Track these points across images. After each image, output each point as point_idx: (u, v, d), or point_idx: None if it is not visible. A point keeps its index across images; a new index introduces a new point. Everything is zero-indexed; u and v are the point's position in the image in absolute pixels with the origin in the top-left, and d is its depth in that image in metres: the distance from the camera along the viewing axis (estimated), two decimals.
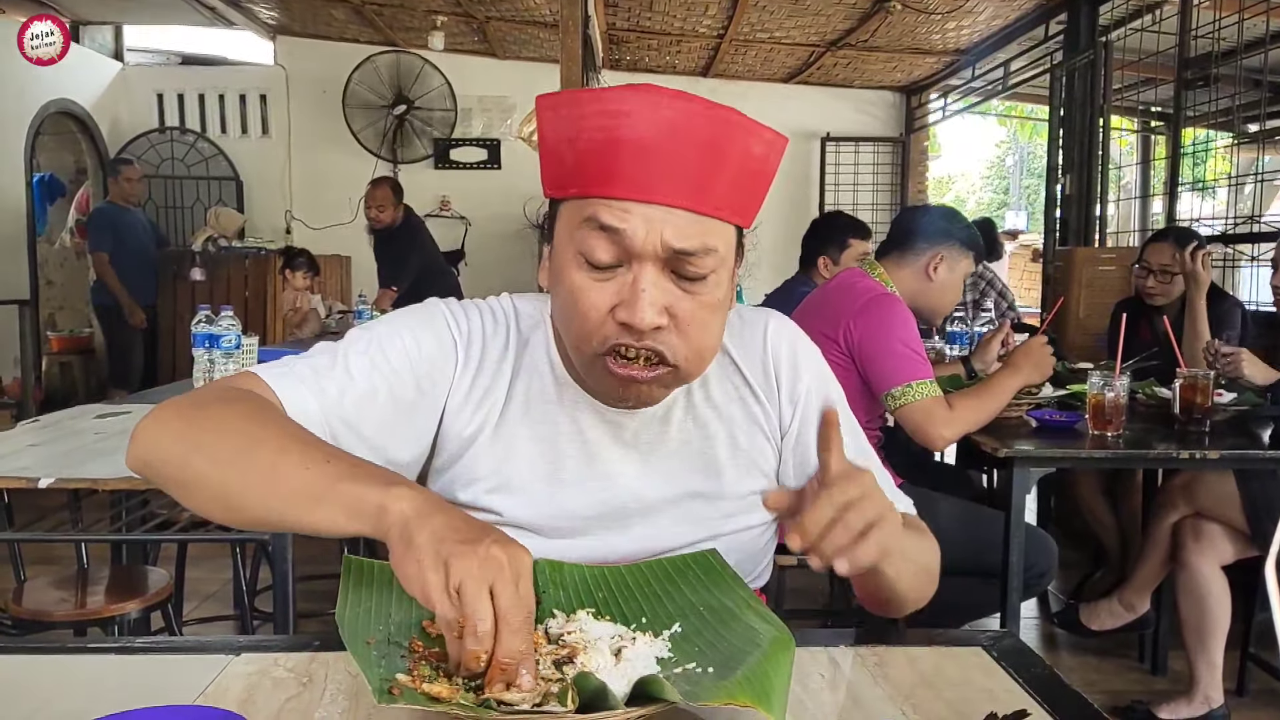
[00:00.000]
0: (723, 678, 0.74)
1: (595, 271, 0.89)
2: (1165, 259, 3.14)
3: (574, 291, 0.90)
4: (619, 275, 0.89)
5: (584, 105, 0.87)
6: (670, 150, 0.85)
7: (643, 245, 0.87)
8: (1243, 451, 2.29)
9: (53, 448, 2.04)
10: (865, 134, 7.82)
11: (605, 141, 0.86)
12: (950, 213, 2.57)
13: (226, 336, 2.62)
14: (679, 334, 0.90)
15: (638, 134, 0.85)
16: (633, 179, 0.86)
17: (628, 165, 0.86)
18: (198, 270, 6.53)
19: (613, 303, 0.89)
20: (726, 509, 1.03)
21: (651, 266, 0.88)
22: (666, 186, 0.86)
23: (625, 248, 0.87)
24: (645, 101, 0.85)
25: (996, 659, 0.92)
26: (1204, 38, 4.50)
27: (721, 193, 0.88)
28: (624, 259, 0.88)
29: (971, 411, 2.26)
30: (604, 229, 0.87)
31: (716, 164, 0.87)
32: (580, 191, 0.89)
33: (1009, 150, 22.91)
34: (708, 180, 0.87)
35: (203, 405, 0.89)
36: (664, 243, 0.87)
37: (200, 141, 7.65)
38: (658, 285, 0.88)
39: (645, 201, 0.86)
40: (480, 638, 0.69)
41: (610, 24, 6.33)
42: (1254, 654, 2.76)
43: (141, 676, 0.88)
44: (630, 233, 0.86)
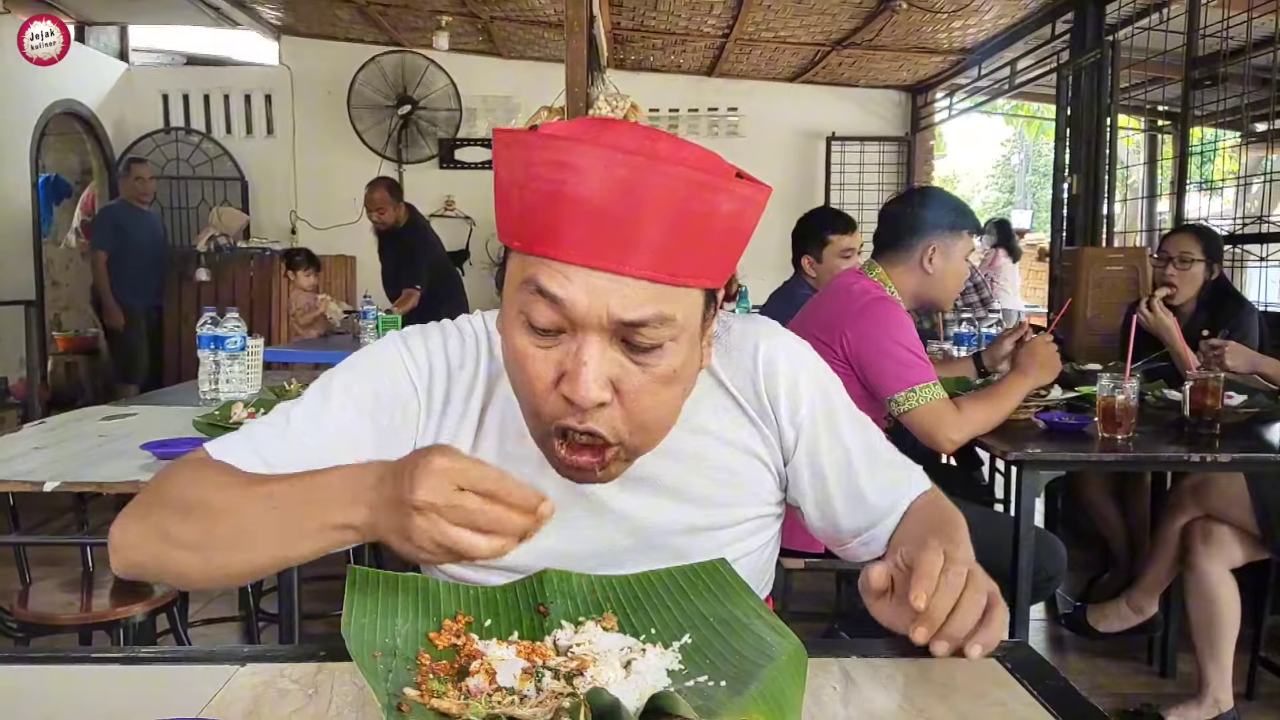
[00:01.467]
0: (736, 691, 0.73)
1: (538, 337, 0.83)
2: (1184, 247, 3.13)
3: (518, 357, 0.85)
4: (563, 342, 0.82)
5: (534, 150, 0.79)
6: (621, 213, 0.76)
7: (585, 316, 0.79)
8: (1254, 454, 2.27)
9: (58, 450, 2.03)
10: (870, 133, 7.80)
11: (550, 196, 0.78)
12: (934, 197, 2.50)
13: (232, 338, 2.62)
14: (623, 409, 0.84)
15: (586, 192, 0.76)
16: (576, 242, 0.78)
17: (571, 226, 0.77)
18: (203, 271, 6.54)
19: (556, 373, 0.83)
20: (723, 539, 1.01)
21: (596, 337, 0.81)
22: (614, 253, 0.78)
23: (566, 316, 0.80)
24: (597, 157, 0.76)
25: (1010, 670, 0.91)
26: (1212, 36, 4.47)
27: (682, 259, 0.80)
28: (566, 327, 0.81)
29: (980, 414, 2.25)
30: (543, 294, 0.80)
31: (676, 228, 0.78)
32: (523, 247, 0.82)
33: (1015, 149, 22.86)
34: (665, 246, 0.78)
35: (157, 498, 0.90)
36: (609, 314, 0.79)
37: (205, 142, 7.65)
38: (603, 357, 0.81)
39: (589, 267, 0.78)
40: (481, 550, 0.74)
41: (615, 23, 6.32)
42: (1264, 657, 2.74)
43: (146, 686, 0.87)
44: (570, 302, 0.79)
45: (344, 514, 0.79)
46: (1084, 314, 4.41)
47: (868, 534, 1.09)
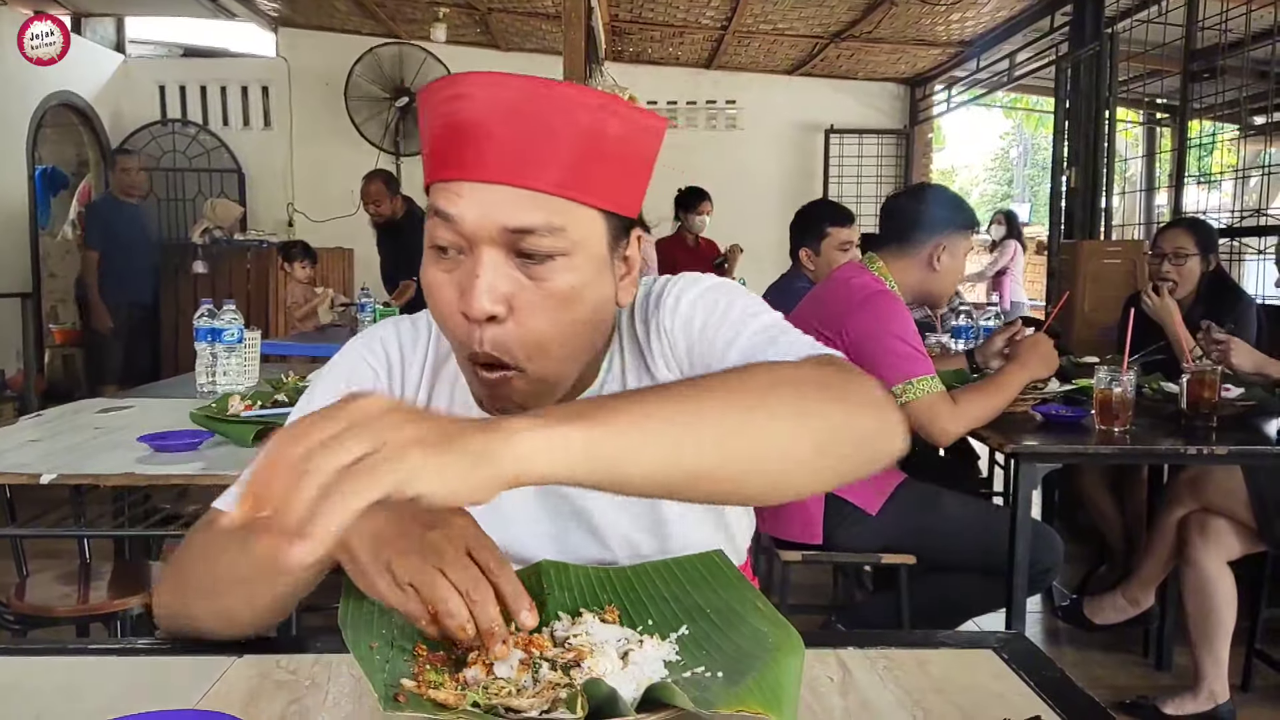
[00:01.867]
0: (732, 682, 0.73)
1: (443, 261, 0.85)
2: (1178, 243, 3.13)
3: (428, 287, 0.87)
4: (463, 263, 0.84)
5: (438, 92, 0.84)
6: (506, 129, 0.81)
7: (476, 228, 0.82)
8: (1251, 447, 2.27)
9: (55, 443, 2.03)
10: (869, 126, 7.79)
11: (446, 126, 0.83)
12: (945, 197, 2.51)
13: (229, 330, 2.62)
14: (518, 327, 0.84)
15: (474, 115, 0.81)
16: (464, 160, 0.82)
17: (462, 148, 0.82)
18: (200, 263, 6.52)
19: (459, 294, 0.84)
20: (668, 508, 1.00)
21: (489, 250, 0.83)
22: (499, 164, 0.81)
23: (461, 233, 0.83)
24: (482, 82, 0.81)
25: (1007, 661, 0.91)
26: (1211, 29, 4.47)
27: (569, 171, 0.82)
28: (464, 246, 0.84)
29: (977, 407, 2.25)
30: (439, 214, 0.83)
31: (555, 140, 0.81)
32: (429, 179, 0.86)
33: (1013, 142, 22.85)
34: (549, 159, 0.81)
35: (178, 559, 0.94)
36: (497, 222, 0.82)
37: (202, 134, 7.64)
38: (497, 270, 0.83)
39: (477, 181, 0.82)
40: (453, 613, 0.72)
41: (613, 15, 6.31)
42: (1259, 650, 2.75)
43: (143, 678, 0.87)
44: (460, 216, 0.82)
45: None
46: (1081, 307, 4.42)
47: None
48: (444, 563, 0.73)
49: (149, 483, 1.81)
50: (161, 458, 1.88)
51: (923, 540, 2.35)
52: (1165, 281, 3.11)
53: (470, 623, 0.72)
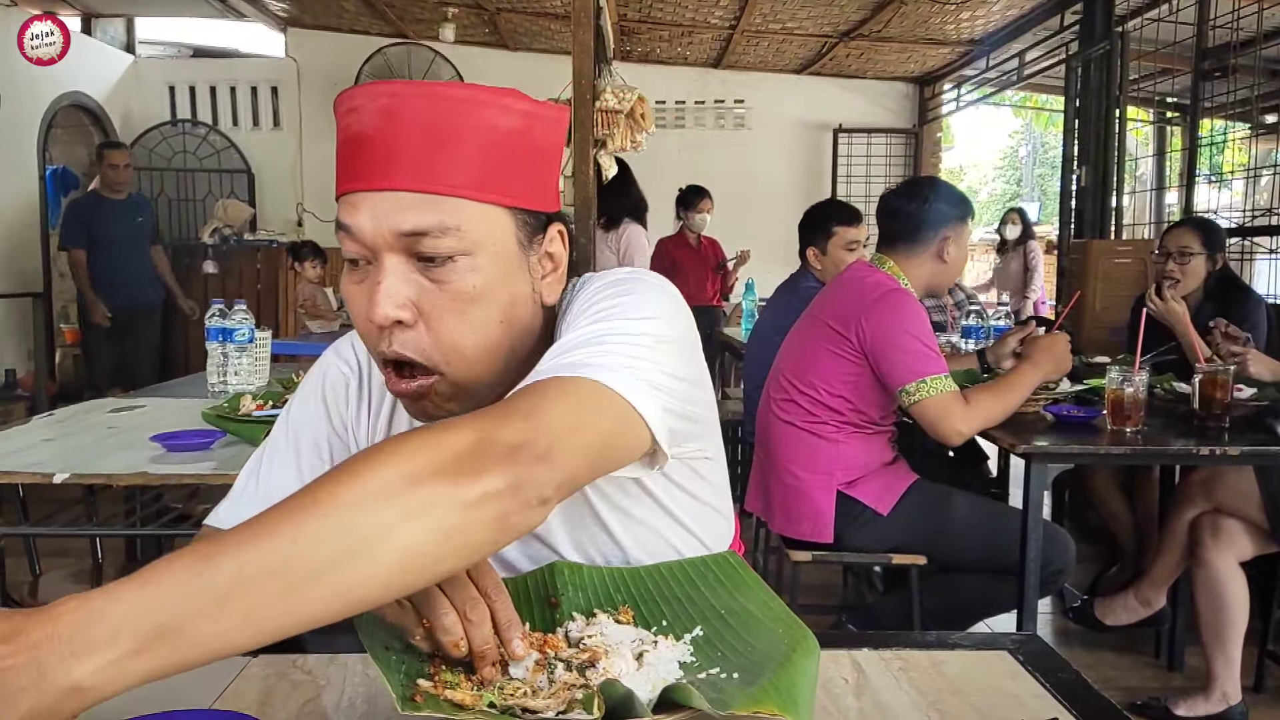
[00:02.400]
0: (748, 683, 0.73)
1: (354, 272, 0.86)
2: (1183, 242, 3.13)
3: (346, 300, 0.88)
4: (371, 274, 0.85)
5: (337, 108, 0.86)
6: (394, 136, 0.82)
7: (374, 236, 0.82)
8: (1263, 448, 2.26)
9: (67, 442, 2.04)
10: (878, 125, 7.78)
11: (343, 141, 0.85)
12: (939, 190, 2.50)
13: (240, 330, 2.62)
14: (429, 330, 0.84)
15: (364, 126, 0.83)
16: (358, 170, 0.83)
17: (355, 160, 0.83)
18: (210, 263, 6.54)
19: (368, 304, 0.84)
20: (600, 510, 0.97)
21: (389, 257, 0.83)
22: (389, 170, 0.82)
23: (362, 242, 0.83)
24: (367, 94, 0.83)
25: (1022, 663, 0.91)
26: (1222, 28, 4.45)
27: (463, 170, 0.82)
28: (369, 256, 0.84)
29: (989, 406, 2.25)
30: (341, 226, 0.84)
31: (443, 141, 0.82)
32: (337, 194, 0.87)
33: (1022, 141, 22.78)
34: (439, 159, 0.82)
35: None
36: (390, 228, 0.82)
37: (212, 134, 7.66)
38: (399, 277, 0.83)
39: (370, 190, 0.82)
40: (448, 629, 0.72)
41: (622, 15, 6.31)
42: (1272, 651, 2.74)
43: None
44: (358, 225, 0.83)
45: None
46: (1092, 307, 4.40)
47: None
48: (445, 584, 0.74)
49: (161, 482, 1.81)
50: (174, 457, 1.88)
51: (934, 541, 2.35)
52: (1169, 280, 3.10)
53: (464, 640, 0.73)
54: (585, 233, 3.52)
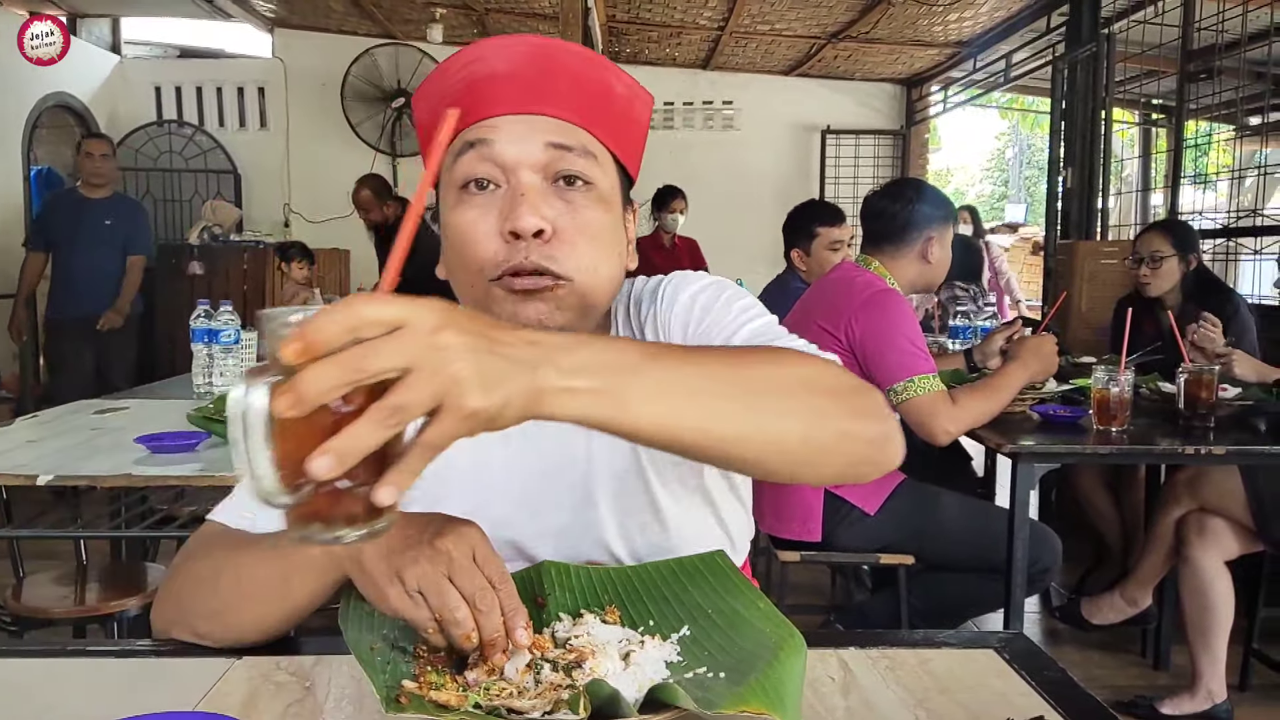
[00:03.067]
0: (735, 683, 0.73)
1: (477, 194, 0.87)
2: (1154, 246, 3.16)
3: (460, 227, 0.88)
4: (500, 194, 0.87)
5: (443, 73, 0.91)
6: (528, 71, 0.87)
7: (517, 151, 0.86)
8: (1248, 447, 2.27)
9: (51, 444, 2.03)
10: (865, 126, 7.79)
11: (466, 87, 0.88)
12: (923, 191, 2.53)
13: (225, 331, 2.61)
14: (567, 244, 0.87)
15: (493, 68, 0.87)
16: (493, 99, 0.87)
17: (489, 92, 0.87)
18: (196, 264, 6.50)
19: (498, 221, 0.86)
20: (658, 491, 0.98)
21: (529, 173, 0.86)
22: (528, 97, 0.87)
23: (500, 162, 0.86)
24: (497, 43, 0.88)
25: (1009, 661, 0.91)
26: (1207, 30, 4.48)
27: (588, 110, 0.88)
28: (501, 178, 0.87)
29: (976, 406, 2.26)
30: (474, 145, 0.87)
31: (576, 83, 0.88)
32: (452, 137, 0.88)
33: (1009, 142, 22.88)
34: (570, 95, 0.88)
35: (176, 576, 0.94)
36: (539, 139, 0.86)
37: (198, 135, 7.62)
38: (538, 192, 0.86)
39: (513, 114, 0.87)
40: (460, 622, 0.72)
41: (610, 16, 6.31)
42: (1257, 649, 2.75)
43: (141, 679, 0.86)
44: (502, 143, 0.86)
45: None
46: (1078, 307, 4.42)
47: None
48: (452, 570, 0.73)
49: (146, 484, 1.80)
50: (158, 459, 1.87)
51: (921, 541, 2.35)
52: (1144, 285, 3.14)
53: (475, 632, 0.73)
54: None
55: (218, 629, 0.89)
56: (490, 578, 0.75)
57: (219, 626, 0.89)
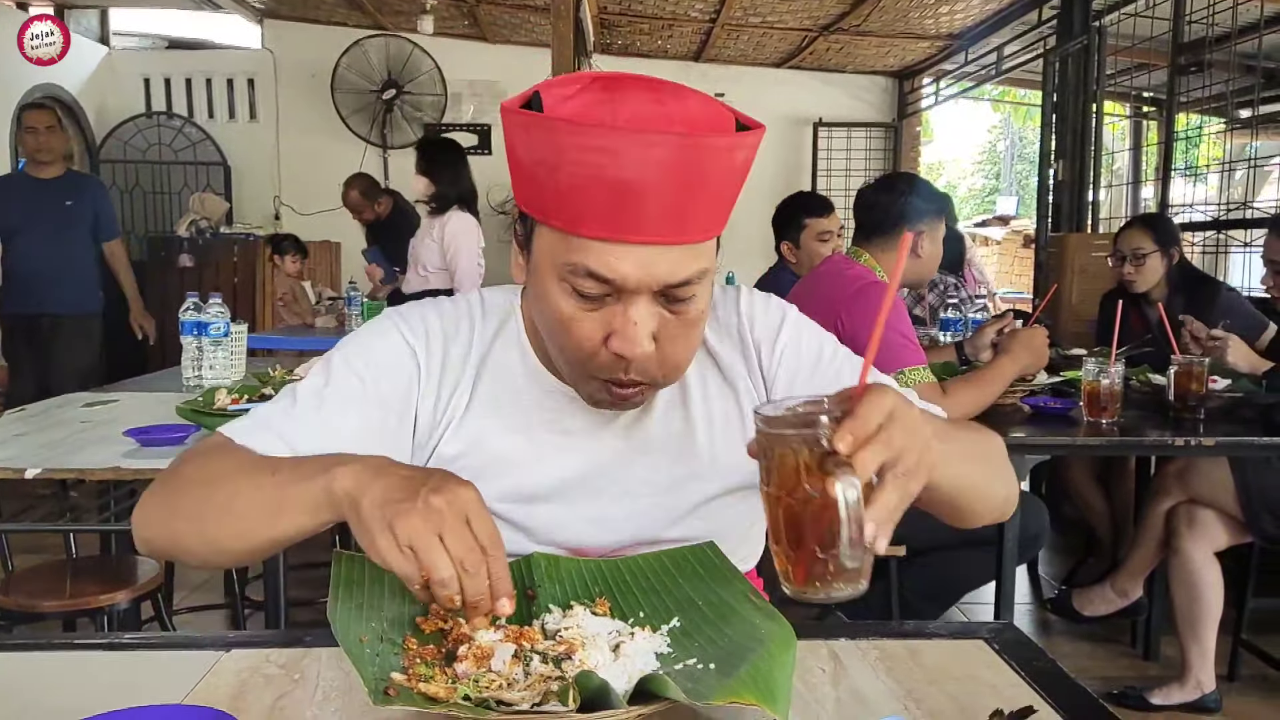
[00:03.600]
0: (725, 674, 0.73)
1: (585, 303, 0.87)
2: (1135, 243, 3.16)
3: (564, 321, 0.89)
4: (608, 304, 0.87)
5: (562, 136, 0.81)
6: (659, 189, 0.81)
7: (636, 286, 0.85)
8: (1238, 439, 2.28)
9: (39, 437, 2.01)
10: (858, 119, 7.79)
11: (589, 180, 0.81)
12: (915, 186, 2.52)
13: (215, 324, 2.60)
14: (660, 354, 0.89)
15: (625, 174, 0.80)
16: (620, 221, 0.82)
17: (615, 208, 0.82)
18: (185, 256, 6.47)
19: (603, 333, 0.88)
20: (706, 492, 1.03)
21: (643, 299, 0.87)
22: (654, 225, 0.83)
23: (616, 288, 0.86)
24: (631, 141, 0.80)
25: (999, 651, 0.91)
26: (1198, 23, 4.48)
27: (706, 217, 0.86)
28: (613, 293, 0.87)
29: (967, 398, 2.26)
30: (594, 276, 0.85)
31: (702, 191, 0.84)
32: (564, 227, 0.85)
33: (1001, 135, 22.89)
34: (694, 210, 0.84)
35: (172, 475, 0.94)
36: (658, 280, 0.85)
37: (188, 126, 7.58)
38: (650, 314, 0.87)
39: (635, 243, 0.84)
40: (445, 582, 0.72)
41: (602, 8, 6.29)
42: (1246, 640, 2.77)
43: (130, 673, 0.86)
44: (622, 279, 0.85)
45: (327, 479, 0.79)
46: (1069, 299, 4.43)
47: None
48: (443, 528, 0.73)
49: (135, 477, 1.79)
50: (148, 451, 1.86)
51: (910, 522, 2.35)
52: (1130, 282, 3.15)
53: (459, 594, 0.73)
54: None
55: (194, 536, 0.88)
56: (481, 541, 0.75)
57: (196, 533, 0.88)
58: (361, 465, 0.79)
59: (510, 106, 0.86)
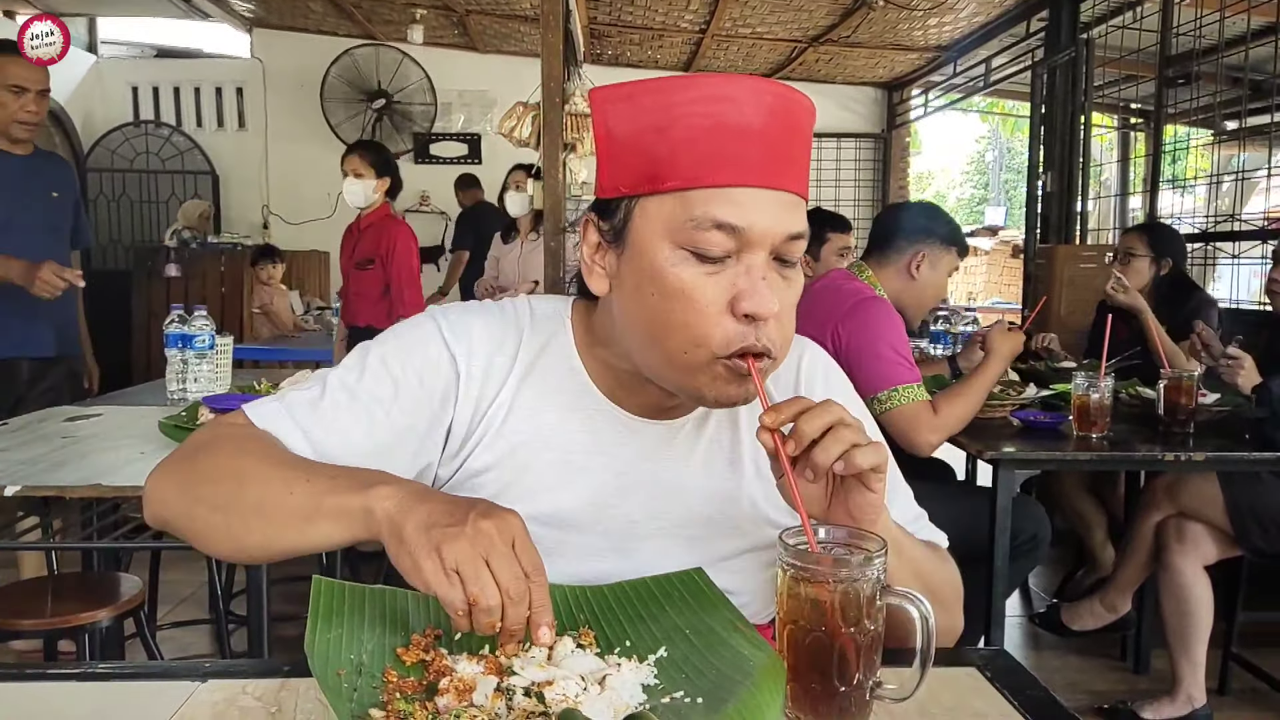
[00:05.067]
0: (713, 709, 0.71)
1: (707, 266, 0.84)
2: (1129, 244, 3.30)
3: (685, 290, 0.84)
4: (729, 267, 0.84)
5: (673, 93, 0.83)
6: (776, 135, 0.83)
7: (762, 235, 0.83)
8: (1227, 453, 2.28)
9: (20, 453, 1.98)
10: (847, 130, 7.81)
11: (710, 129, 0.82)
12: (930, 209, 2.56)
13: (200, 336, 2.57)
14: (779, 325, 0.87)
15: (745, 120, 0.82)
16: (745, 166, 0.82)
17: (738, 151, 0.82)
18: (172, 266, 6.42)
19: (728, 296, 0.84)
20: (741, 543, 0.99)
21: (764, 254, 0.85)
22: (775, 171, 0.84)
23: (742, 239, 0.83)
24: (747, 87, 0.83)
25: (990, 679, 0.89)
26: (1185, 35, 4.50)
27: (803, 173, 0.88)
28: (735, 250, 0.84)
29: (955, 409, 2.25)
30: (720, 225, 0.82)
31: (800, 144, 0.86)
32: (684, 183, 0.83)
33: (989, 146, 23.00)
34: (799, 161, 0.86)
35: (195, 454, 0.91)
36: (784, 228, 0.84)
37: (175, 135, 7.54)
38: (771, 272, 0.85)
39: (759, 187, 0.83)
40: (489, 610, 0.71)
41: (592, 18, 6.28)
42: (1236, 653, 2.76)
43: (104, 703, 0.84)
44: (749, 225, 0.82)
45: (367, 498, 0.78)
46: (1058, 311, 4.43)
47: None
48: (491, 554, 0.72)
49: (116, 494, 1.76)
50: (128, 470, 1.84)
51: None
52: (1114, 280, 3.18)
53: (499, 621, 0.72)
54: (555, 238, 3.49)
55: (217, 529, 0.86)
56: (525, 568, 0.74)
57: (221, 525, 0.85)
58: (404, 488, 0.79)
59: (603, 90, 0.87)
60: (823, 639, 0.73)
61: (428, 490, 0.80)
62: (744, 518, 0.99)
